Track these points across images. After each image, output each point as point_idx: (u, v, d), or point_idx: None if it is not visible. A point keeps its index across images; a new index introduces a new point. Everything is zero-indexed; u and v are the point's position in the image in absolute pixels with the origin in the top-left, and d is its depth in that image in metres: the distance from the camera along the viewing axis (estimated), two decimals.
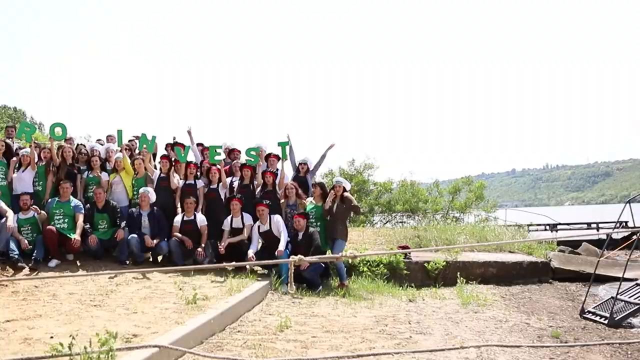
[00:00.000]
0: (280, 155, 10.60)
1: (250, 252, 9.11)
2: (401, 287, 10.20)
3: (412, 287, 10.32)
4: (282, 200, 10.23)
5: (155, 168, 10.68)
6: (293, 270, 4.96)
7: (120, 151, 10.54)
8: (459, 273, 10.82)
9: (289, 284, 5.02)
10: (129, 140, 11.06)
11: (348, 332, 6.51)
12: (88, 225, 9.42)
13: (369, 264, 10.71)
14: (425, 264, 11.13)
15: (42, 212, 9.40)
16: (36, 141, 10.73)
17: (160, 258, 9.87)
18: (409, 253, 11.18)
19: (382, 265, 10.71)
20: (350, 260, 10.04)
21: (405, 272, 10.83)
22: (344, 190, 9.81)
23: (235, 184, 10.43)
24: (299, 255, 4.96)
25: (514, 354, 5.91)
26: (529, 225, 22.07)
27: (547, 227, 24.17)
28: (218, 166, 10.30)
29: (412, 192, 25.29)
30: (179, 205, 10.04)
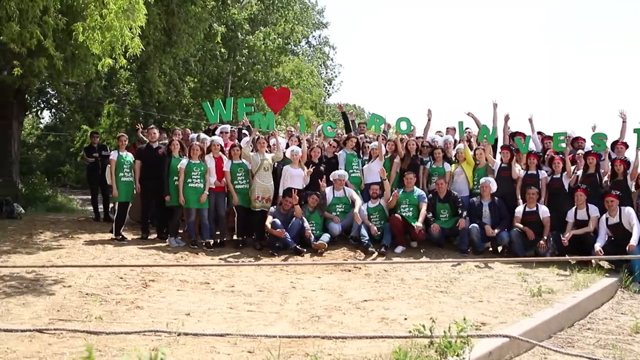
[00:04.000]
0: (636, 143, 9.70)
1: (597, 246, 8.56)
2: None
3: None
4: (633, 191, 9.41)
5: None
6: None
7: (461, 142, 10.78)
8: None
9: None
10: (466, 129, 11.23)
11: None
12: (431, 215, 9.88)
13: None
14: None
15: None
16: (383, 134, 11.61)
17: (500, 248, 9.90)
18: None
19: None
20: None
21: None
22: None
23: (580, 174, 9.90)
24: None
25: None
26: None
27: None
28: (561, 155, 9.88)
29: None
30: (519, 195, 9.91)
